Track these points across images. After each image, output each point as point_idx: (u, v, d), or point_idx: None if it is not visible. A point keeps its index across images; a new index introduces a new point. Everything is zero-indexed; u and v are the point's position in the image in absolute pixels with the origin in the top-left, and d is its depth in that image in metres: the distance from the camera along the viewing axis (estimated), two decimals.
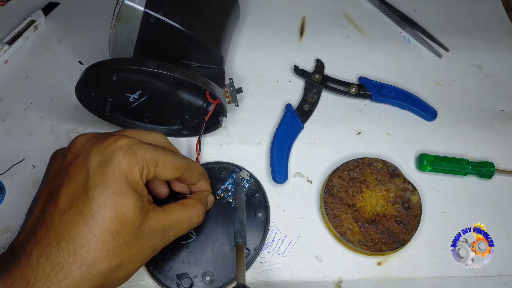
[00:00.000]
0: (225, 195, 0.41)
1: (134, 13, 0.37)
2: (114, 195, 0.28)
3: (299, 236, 0.41)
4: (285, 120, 0.46)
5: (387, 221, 0.40)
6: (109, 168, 0.29)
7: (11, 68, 0.49)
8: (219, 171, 0.43)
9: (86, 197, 0.28)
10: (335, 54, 0.53)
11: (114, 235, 0.28)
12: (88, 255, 0.27)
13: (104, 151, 0.30)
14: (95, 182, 0.28)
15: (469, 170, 0.44)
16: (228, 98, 0.43)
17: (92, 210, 0.28)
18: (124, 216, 0.29)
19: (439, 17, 0.58)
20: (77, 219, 0.27)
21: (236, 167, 0.43)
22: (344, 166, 0.43)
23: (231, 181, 0.42)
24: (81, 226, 0.27)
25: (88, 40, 0.51)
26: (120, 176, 0.29)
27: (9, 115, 0.45)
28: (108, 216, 0.28)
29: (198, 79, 0.37)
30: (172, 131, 0.45)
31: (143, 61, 0.37)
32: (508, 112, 0.51)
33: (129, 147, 0.30)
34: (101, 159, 0.29)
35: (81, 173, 0.29)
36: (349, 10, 0.58)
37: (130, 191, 0.29)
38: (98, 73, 0.37)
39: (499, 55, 0.55)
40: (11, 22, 0.52)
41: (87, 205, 0.28)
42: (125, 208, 0.29)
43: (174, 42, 0.40)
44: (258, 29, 0.55)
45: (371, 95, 0.49)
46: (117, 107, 0.42)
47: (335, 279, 0.39)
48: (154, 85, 0.39)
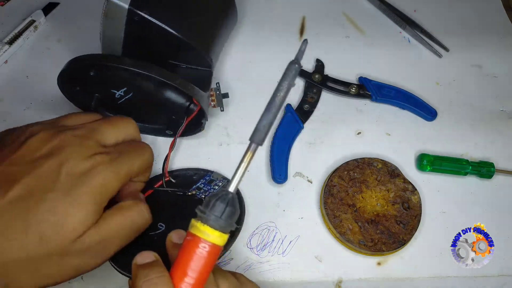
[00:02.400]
0: (197, 192, 0.41)
1: (119, 10, 0.37)
2: (69, 205, 0.28)
3: (299, 236, 0.41)
4: (285, 120, 0.46)
5: (387, 221, 0.40)
6: (82, 183, 0.29)
7: (11, 68, 0.49)
8: (191, 176, 0.43)
9: (41, 198, 0.27)
10: (335, 54, 0.53)
11: (42, 241, 0.27)
12: (10, 253, 0.26)
13: (83, 163, 0.29)
14: (58, 188, 0.28)
15: (469, 170, 0.44)
16: (213, 102, 0.43)
17: (37, 211, 0.27)
18: (62, 225, 0.28)
19: (439, 17, 0.58)
20: (20, 214, 0.27)
21: (208, 172, 0.43)
22: (344, 166, 0.43)
23: (203, 182, 0.42)
24: (19, 222, 0.27)
25: (88, 40, 0.51)
26: (89, 197, 0.29)
27: (9, 115, 0.45)
28: (48, 222, 0.27)
29: (175, 80, 0.37)
30: (157, 130, 0.45)
31: (119, 58, 0.37)
32: (508, 112, 0.51)
33: (109, 167, 0.30)
34: (77, 171, 0.29)
35: (50, 174, 0.28)
36: (349, 10, 0.58)
37: (89, 206, 0.29)
38: (76, 68, 0.38)
39: (499, 55, 0.55)
40: (11, 22, 0.51)
41: (36, 204, 0.27)
42: (72, 217, 0.28)
43: (160, 41, 0.40)
44: (258, 29, 0.55)
45: (371, 95, 0.49)
46: (103, 102, 0.42)
47: (335, 279, 0.39)
48: (138, 83, 0.39)
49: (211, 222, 0.23)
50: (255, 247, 0.40)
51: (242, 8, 0.56)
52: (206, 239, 0.23)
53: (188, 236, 0.24)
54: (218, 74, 0.50)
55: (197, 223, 0.24)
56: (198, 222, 0.24)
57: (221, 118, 0.47)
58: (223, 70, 0.51)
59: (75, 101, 0.42)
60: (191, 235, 0.24)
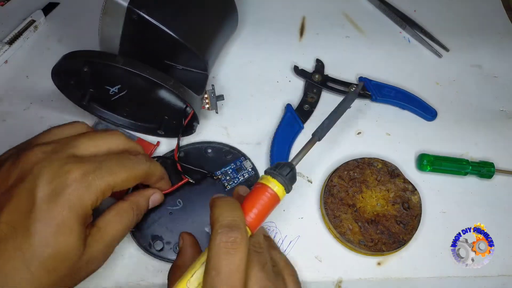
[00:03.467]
0: (222, 177, 0.42)
1: (118, 8, 0.37)
2: (57, 233, 0.27)
3: (299, 236, 0.41)
4: (285, 120, 0.46)
5: (387, 221, 0.40)
6: (57, 204, 0.27)
7: (11, 68, 0.49)
8: (225, 154, 0.44)
9: (27, 232, 0.27)
10: (335, 54, 0.53)
11: (50, 272, 0.27)
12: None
13: (54, 180, 0.28)
14: (38, 217, 0.27)
15: (469, 170, 0.44)
16: (208, 104, 0.43)
17: (31, 247, 0.27)
18: (63, 253, 0.28)
19: (439, 17, 0.58)
20: (14, 253, 0.26)
21: (242, 155, 0.44)
22: (344, 166, 0.43)
23: (232, 167, 0.43)
24: (17, 262, 0.26)
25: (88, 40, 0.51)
26: (68, 213, 0.28)
27: (9, 115, 0.45)
28: (47, 254, 0.27)
29: (167, 81, 0.37)
30: (148, 129, 0.45)
31: (112, 56, 0.37)
32: (508, 112, 0.51)
33: (83, 179, 0.28)
34: (50, 191, 0.28)
35: (26, 202, 0.27)
36: (349, 10, 0.58)
37: (75, 226, 0.28)
38: (69, 63, 0.38)
39: (499, 55, 0.55)
40: (11, 22, 0.51)
41: (27, 240, 0.27)
42: (67, 245, 0.28)
43: (157, 41, 0.40)
44: (258, 29, 0.55)
45: (371, 95, 0.49)
46: (97, 98, 0.42)
47: (335, 279, 0.39)
48: (132, 81, 0.40)
49: (279, 178, 0.30)
50: None
51: (242, 8, 0.56)
52: (272, 188, 0.29)
53: (258, 184, 0.30)
54: (218, 74, 0.50)
55: (268, 177, 0.30)
56: (269, 176, 0.30)
57: (220, 118, 0.47)
58: (223, 70, 0.51)
59: (71, 96, 0.42)
60: (261, 184, 0.30)
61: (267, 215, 0.30)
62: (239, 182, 0.42)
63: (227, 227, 0.27)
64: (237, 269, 0.26)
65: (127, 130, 0.45)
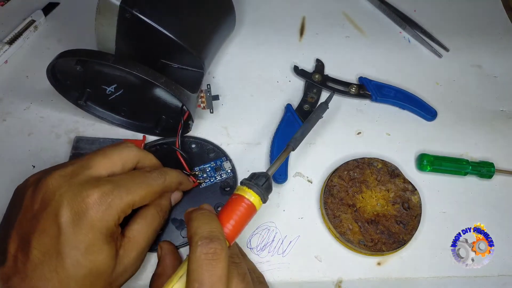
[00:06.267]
0: (200, 174, 0.42)
1: (111, 7, 0.37)
2: (86, 253, 0.29)
3: (299, 236, 0.41)
4: (285, 120, 0.46)
5: (387, 221, 0.40)
6: (82, 227, 0.28)
7: (11, 68, 0.49)
8: (208, 152, 0.44)
9: (59, 256, 0.28)
10: (335, 54, 0.53)
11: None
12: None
13: (76, 205, 0.29)
14: (67, 241, 0.28)
15: (469, 170, 0.44)
16: (203, 103, 0.43)
17: (65, 269, 0.28)
18: (96, 271, 0.29)
19: (439, 17, 0.58)
20: (51, 275, 0.28)
21: (224, 155, 0.44)
22: (344, 166, 0.43)
23: (212, 165, 0.43)
24: (55, 283, 0.28)
25: (88, 40, 0.51)
26: (93, 234, 0.29)
27: (9, 115, 0.45)
28: (82, 274, 0.28)
29: (158, 79, 0.37)
30: (145, 128, 0.45)
31: (103, 54, 0.37)
32: (508, 112, 0.51)
33: (102, 201, 0.29)
34: (73, 216, 0.29)
35: (52, 228, 0.28)
36: (349, 10, 0.58)
37: (103, 245, 0.29)
38: (63, 62, 0.38)
39: (499, 55, 0.55)
40: (11, 22, 0.51)
41: (60, 263, 0.28)
42: (98, 263, 0.29)
43: (151, 40, 0.40)
44: (258, 29, 0.55)
45: (371, 95, 0.49)
46: (95, 97, 0.42)
47: (335, 279, 0.39)
48: (127, 80, 0.40)
49: (254, 188, 0.30)
50: (255, 247, 0.40)
51: (242, 7, 0.56)
52: (249, 198, 0.30)
53: (234, 196, 0.31)
54: (217, 74, 0.50)
55: (244, 187, 0.31)
56: (245, 186, 0.31)
57: (220, 118, 0.47)
58: (223, 69, 0.51)
59: (68, 96, 0.42)
60: (237, 195, 0.30)
61: (244, 225, 0.30)
62: (215, 181, 0.42)
63: (207, 239, 0.27)
64: (219, 279, 0.26)
65: (111, 137, 0.44)
